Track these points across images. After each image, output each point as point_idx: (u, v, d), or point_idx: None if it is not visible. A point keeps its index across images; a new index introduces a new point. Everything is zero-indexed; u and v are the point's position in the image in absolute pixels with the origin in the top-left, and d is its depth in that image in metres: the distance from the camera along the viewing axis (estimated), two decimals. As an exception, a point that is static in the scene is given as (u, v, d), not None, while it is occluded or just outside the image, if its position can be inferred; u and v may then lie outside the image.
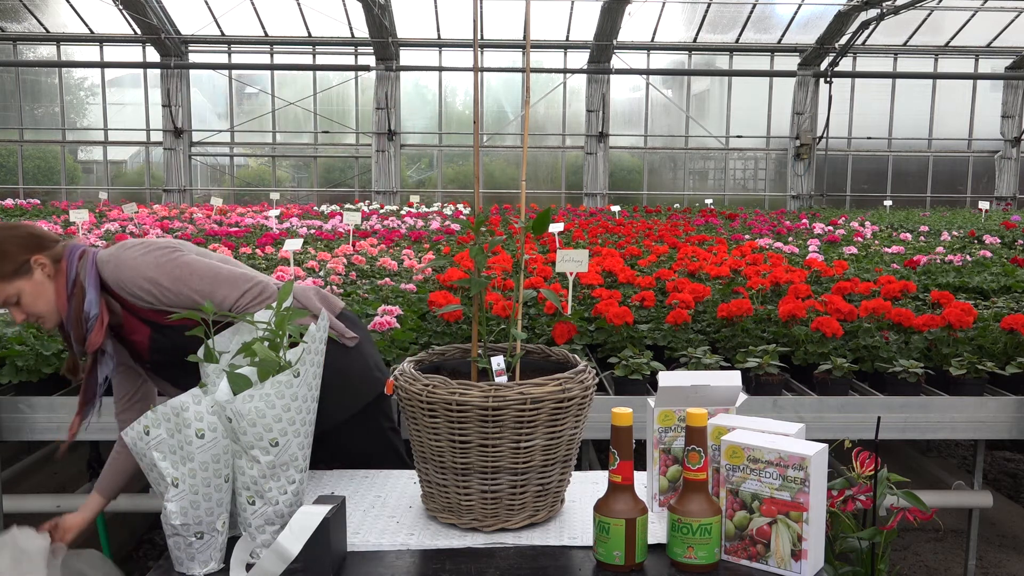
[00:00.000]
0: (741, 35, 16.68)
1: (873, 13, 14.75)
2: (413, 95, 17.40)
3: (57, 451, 2.04)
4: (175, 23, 15.98)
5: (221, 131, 17.17)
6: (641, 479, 1.63)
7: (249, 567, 1.40)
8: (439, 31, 16.28)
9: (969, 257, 5.98)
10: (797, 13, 16.07)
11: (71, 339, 2.03)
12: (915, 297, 4.22)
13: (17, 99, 16.77)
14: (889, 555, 1.57)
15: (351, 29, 16.19)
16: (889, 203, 14.42)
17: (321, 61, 16.97)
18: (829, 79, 16.54)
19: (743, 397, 1.59)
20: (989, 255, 6.09)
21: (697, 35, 16.66)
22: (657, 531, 1.49)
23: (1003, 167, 17.80)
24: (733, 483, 1.40)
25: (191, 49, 16.72)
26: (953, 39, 16.82)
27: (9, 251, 1.94)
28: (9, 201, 11.37)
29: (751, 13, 16.12)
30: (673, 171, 17.92)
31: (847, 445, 1.68)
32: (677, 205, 14.25)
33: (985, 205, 11.78)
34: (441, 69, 16.90)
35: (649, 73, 17.17)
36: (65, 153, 17.16)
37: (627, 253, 5.66)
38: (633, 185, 17.72)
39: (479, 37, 1.75)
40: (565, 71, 16.84)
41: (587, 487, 1.75)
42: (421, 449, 1.55)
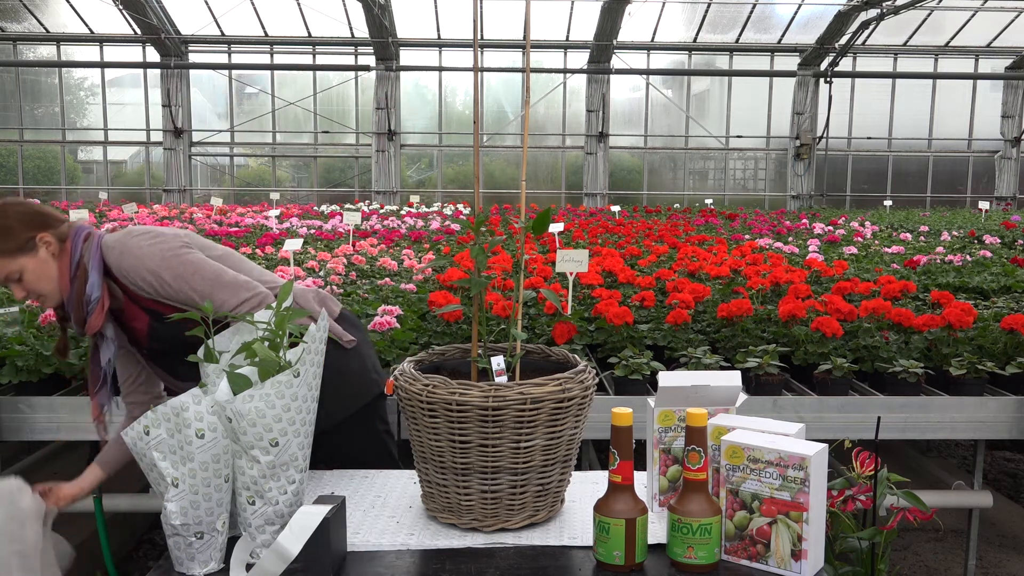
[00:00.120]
0: (741, 35, 16.68)
1: (873, 13, 14.75)
2: (413, 95, 17.40)
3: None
4: (175, 23, 15.98)
5: (221, 131, 17.17)
6: (641, 479, 1.63)
7: (249, 567, 1.40)
8: (439, 31, 16.28)
9: (969, 257, 5.98)
10: (797, 13, 16.07)
11: (68, 320, 2.03)
12: (915, 297, 4.21)
13: (17, 99, 16.77)
14: (889, 555, 1.57)
15: (351, 29, 16.20)
16: (889, 203, 14.42)
17: (321, 61, 16.98)
18: (829, 79, 16.54)
19: (743, 397, 1.59)
20: (989, 255, 6.08)
21: (697, 35, 16.66)
22: (657, 531, 1.48)
23: (1003, 167, 17.80)
24: (733, 483, 1.40)
25: (191, 49, 16.72)
26: (953, 39, 16.82)
27: (14, 227, 1.93)
28: (9, 201, 11.36)
29: (751, 13, 16.12)
30: (673, 171, 17.91)
31: (847, 445, 1.68)
32: (677, 205, 14.24)
33: (985, 205, 11.78)
34: (441, 69, 16.90)
35: (649, 73, 17.17)
36: (65, 153, 17.16)
37: (627, 253, 5.65)
38: (633, 185, 17.72)
39: (479, 37, 1.75)
40: (565, 71, 16.84)
41: (587, 487, 1.75)
42: (421, 449, 1.55)
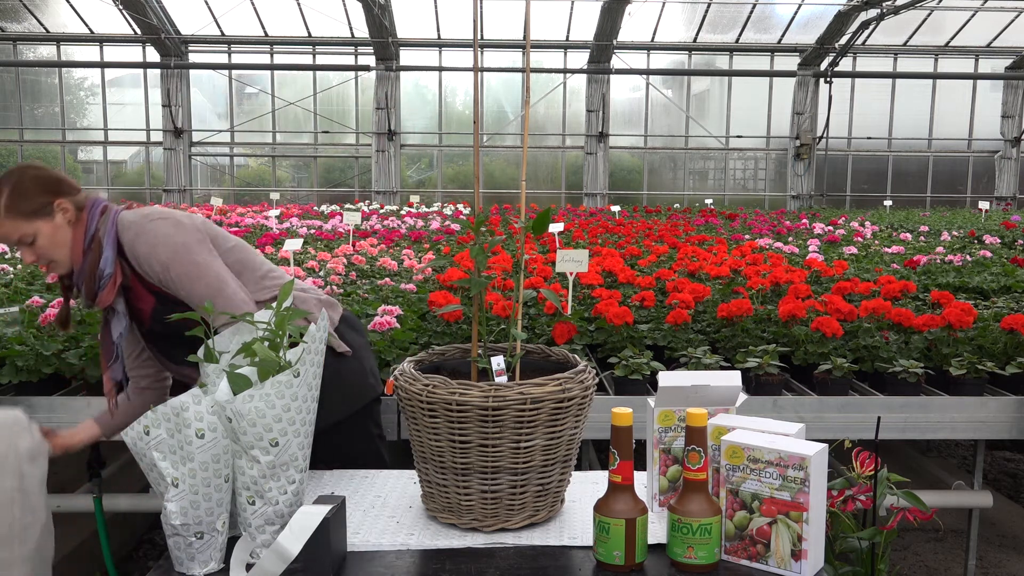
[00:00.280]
0: (741, 35, 16.68)
1: (873, 13, 14.75)
2: (413, 95, 17.39)
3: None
4: (175, 23, 15.97)
5: (221, 131, 17.17)
6: (641, 479, 1.63)
7: (249, 567, 1.40)
8: (439, 31, 16.28)
9: (969, 257, 5.98)
10: (797, 13, 16.07)
11: (72, 289, 2.03)
12: (915, 297, 4.21)
13: (17, 99, 16.77)
14: (889, 555, 1.57)
15: (351, 29, 16.19)
16: (889, 203, 14.41)
17: (321, 61, 16.97)
18: (829, 79, 16.54)
19: (743, 397, 1.59)
20: (989, 255, 6.08)
21: (697, 35, 16.66)
22: (657, 531, 1.48)
23: (1003, 167, 17.80)
24: (733, 483, 1.40)
25: (191, 49, 16.72)
26: (953, 39, 16.82)
27: (32, 190, 1.92)
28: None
29: (751, 13, 16.12)
30: (673, 171, 17.91)
31: (847, 445, 1.68)
32: (677, 205, 14.24)
33: (985, 205, 11.77)
34: (441, 69, 16.90)
35: (649, 73, 17.16)
36: (65, 153, 17.15)
37: (627, 253, 5.65)
38: (633, 185, 17.72)
39: (479, 37, 1.75)
40: (565, 71, 16.84)
41: (587, 487, 1.75)
42: (421, 449, 1.55)
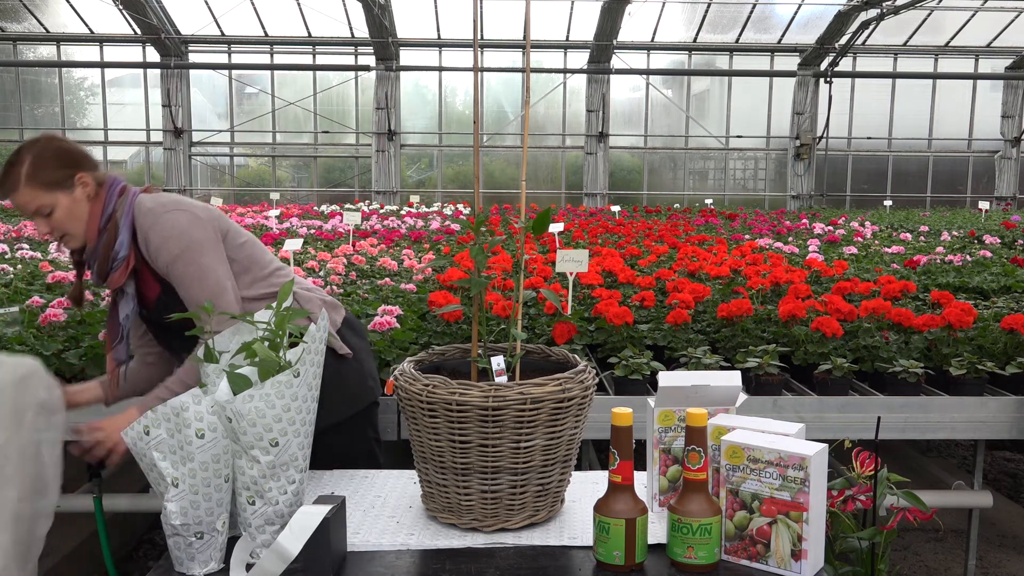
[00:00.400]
0: (741, 35, 16.68)
1: (873, 13, 14.75)
2: (413, 95, 17.39)
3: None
4: (175, 23, 15.97)
5: (221, 131, 17.17)
6: (641, 479, 1.63)
7: (249, 567, 1.40)
8: (439, 31, 16.28)
9: (969, 257, 5.98)
10: (797, 13, 16.07)
11: (86, 267, 2.02)
12: (915, 297, 4.21)
13: (17, 99, 16.77)
14: (889, 555, 1.57)
15: (351, 29, 16.19)
16: (889, 203, 14.41)
17: (321, 61, 16.97)
18: (829, 79, 16.54)
19: (743, 397, 1.59)
20: (989, 255, 6.08)
21: (697, 35, 16.66)
22: (657, 531, 1.48)
23: (1003, 167, 17.80)
24: (733, 483, 1.40)
25: (191, 49, 16.72)
26: (953, 39, 16.82)
27: (54, 161, 1.91)
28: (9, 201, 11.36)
29: (751, 13, 16.12)
30: (673, 171, 17.91)
31: (847, 445, 1.68)
32: (677, 205, 14.24)
33: (985, 205, 11.78)
34: (441, 69, 16.90)
35: (649, 73, 17.16)
36: (65, 153, 17.14)
37: (627, 253, 5.65)
38: (633, 185, 17.72)
39: (479, 37, 1.75)
40: (565, 71, 16.84)
41: (587, 487, 1.75)
42: (421, 449, 1.55)
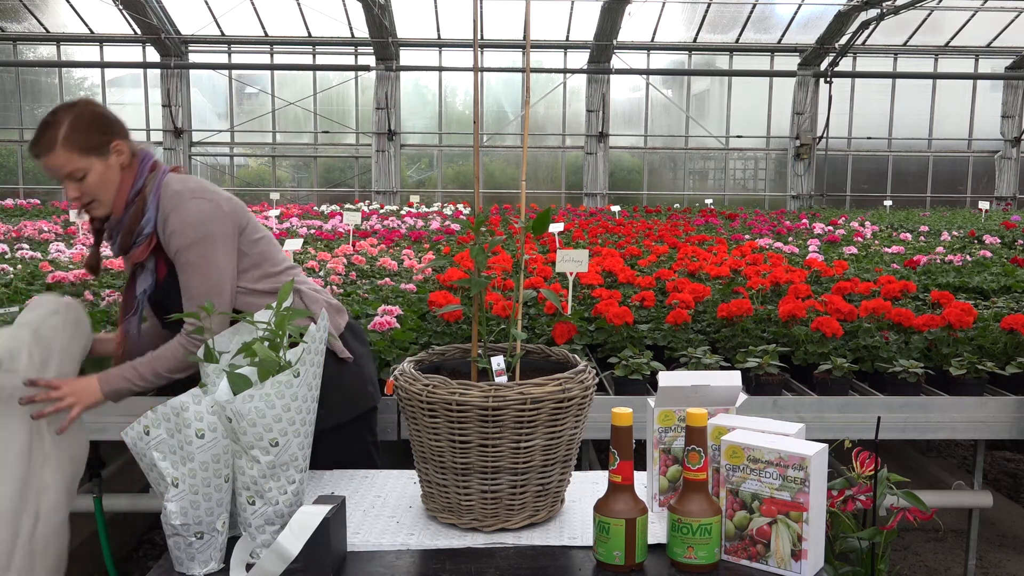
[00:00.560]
0: (741, 35, 16.68)
1: (873, 13, 14.74)
2: (413, 95, 17.39)
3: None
4: (175, 23, 15.97)
5: (221, 131, 17.16)
6: (641, 479, 1.63)
7: (249, 567, 1.40)
8: (439, 31, 16.28)
9: (969, 257, 5.98)
10: (797, 13, 16.06)
11: (106, 237, 2.02)
12: (915, 297, 4.21)
13: (17, 99, 16.76)
14: (889, 555, 1.57)
15: (351, 29, 16.19)
16: (889, 203, 14.41)
17: (321, 61, 16.97)
18: (829, 79, 16.53)
19: (743, 397, 1.59)
20: (989, 255, 6.08)
21: (697, 35, 16.65)
22: (657, 531, 1.48)
23: (1003, 167, 17.80)
24: (733, 483, 1.40)
25: (191, 49, 16.72)
26: (953, 39, 16.82)
27: (93, 125, 1.91)
28: (9, 201, 11.35)
29: (751, 13, 16.11)
30: (673, 171, 17.91)
31: (847, 445, 1.68)
32: (677, 205, 14.24)
33: (985, 205, 11.77)
34: (441, 69, 16.89)
35: (649, 73, 17.16)
36: (65, 153, 17.15)
37: (627, 253, 5.65)
38: (633, 185, 17.72)
39: (479, 37, 1.75)
40: (565, 71, 16.84)
41: (587, 487, 1.75)
42: (421, 449, 1.55)
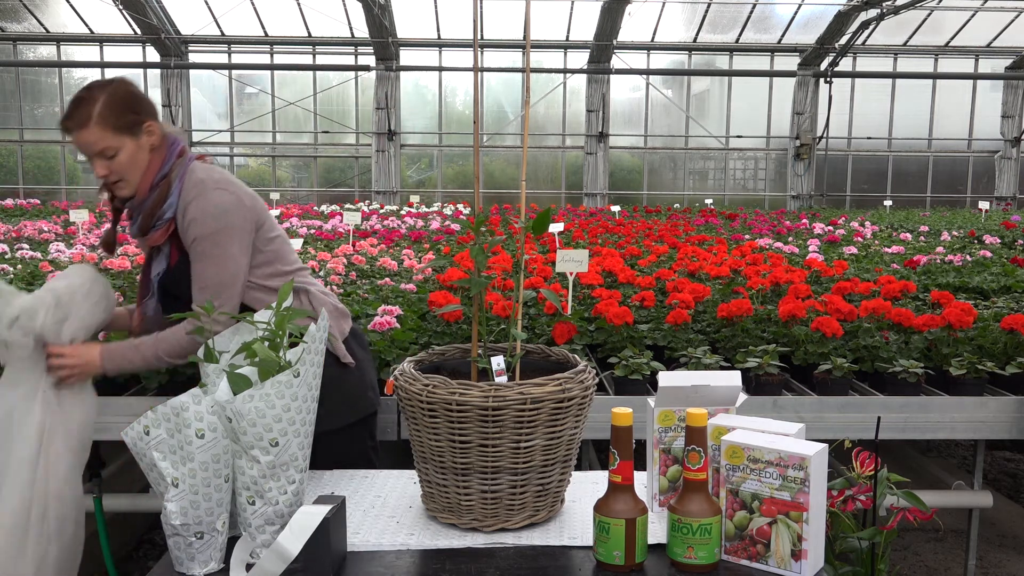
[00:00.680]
0: (741, 35, 16.68)
1: (873, 13, 14.74)
2: (413, 95, 17.39)
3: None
4: (175, 23, 15.97)
5: (221, 131, 17.16)
6: (641, 479, 1.63)
7: (249, 567, 1.40)
8: (439, 31, 16.28)
9: (969, 257, 5.98)
10: (797, 13, 16.06)
11: (126, 217, 2.03)
12: (915, 297, 4.21)
13: (17, 99, 16.76)
14: (889, 555, 1.57)
15: (351, 29, 16.19)
16: (889, 203, 14.41)
17: (321, 61, 16.97)
18: (829, 79, 16.53)
19: (743, 397, 1.59)
20: (989, 255, 6.08)
21: (697, 35, 16.65)
22: (657, 531, 1.48)
23: (1003, 167, 17.80)
24: (733, 483, 1.40)
25: (191, 49, 16.72)
26: (953, 39, 16.82)
27: (127, 104, 1.91)
28: (9, 201, 11.35)
29: (751, 13, 16.11)
30: (673, 171, 17.91)
31: (847, 445, 1.68)
32: (677, 205, 14.24)
33: (985, 205, 11.77)
34: (441, 69, 16.89)
35: (649, 73, 17.16)
36: (65, 153, 17.14)
37: (627, 253, 5.65)
38: (633, 185, 17.72)
39: (479, 37, 1.75)
40: (565, 71, 16.84)
41: (587, 487, 1.75)
42: (421, 449, 1.55)
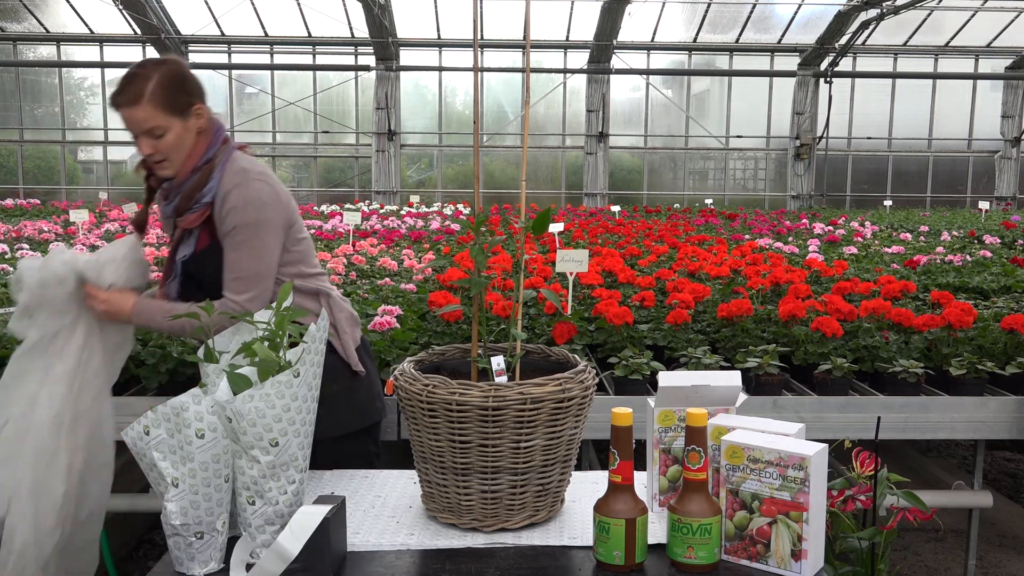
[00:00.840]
0: (741, 35, 16.68)
1: (873, 13, 14.75)
2: (413, 95, 17.39)
3: None
4: (175, 23, 15.97)
5: (221, 131, 17.15)
6: (641, 479, 1.63)
7: (249, 567, 1.40)
8: (439, 31, 16.28)
9: (969, 257, 5.98)
10: (797, 13, 16.07)
11: (161, 196, 2.04)
12: (915, 297, 4.21)
13: (17, 99, 16.76)
14: (889, 555, 1.57)
15: (351, 29, 16.19)
16: (889, 203, 14.42)
17: (321, 61, 16.97)
18: (829, 79, 16.53)
19: (743, 397, 1.59)
20: (989, 255, 6.08)
21: (697, 35, 16.66)
22: (657, 531, 1.48)
23: (1003, 167, 17.80)
24: (733, 483, 1.40)
25: (191, 49, 16.71)
26: (953, 39, 16.82)
27: (180, 85, 1.93)
28: (9, 201, 11.36)
29: (751, 13, 16.12)
30: (673, 171, 17.91)
31: (847, 445, 1.68)
32: (677, 205, 14.25)
33: (985, 205, 11.78)
34: (441, 69, 16.90)
35: (649, 73, 17.16)
36: (65, 153, 17.15)
37: (627, 253, 5.65)
38: (633, 185, 17.72)
39: (479, 37, 1.74)
40: (565, 71, 16.84)
41: (587, 487, 1.75)
42: (421, 449, 1.55)
